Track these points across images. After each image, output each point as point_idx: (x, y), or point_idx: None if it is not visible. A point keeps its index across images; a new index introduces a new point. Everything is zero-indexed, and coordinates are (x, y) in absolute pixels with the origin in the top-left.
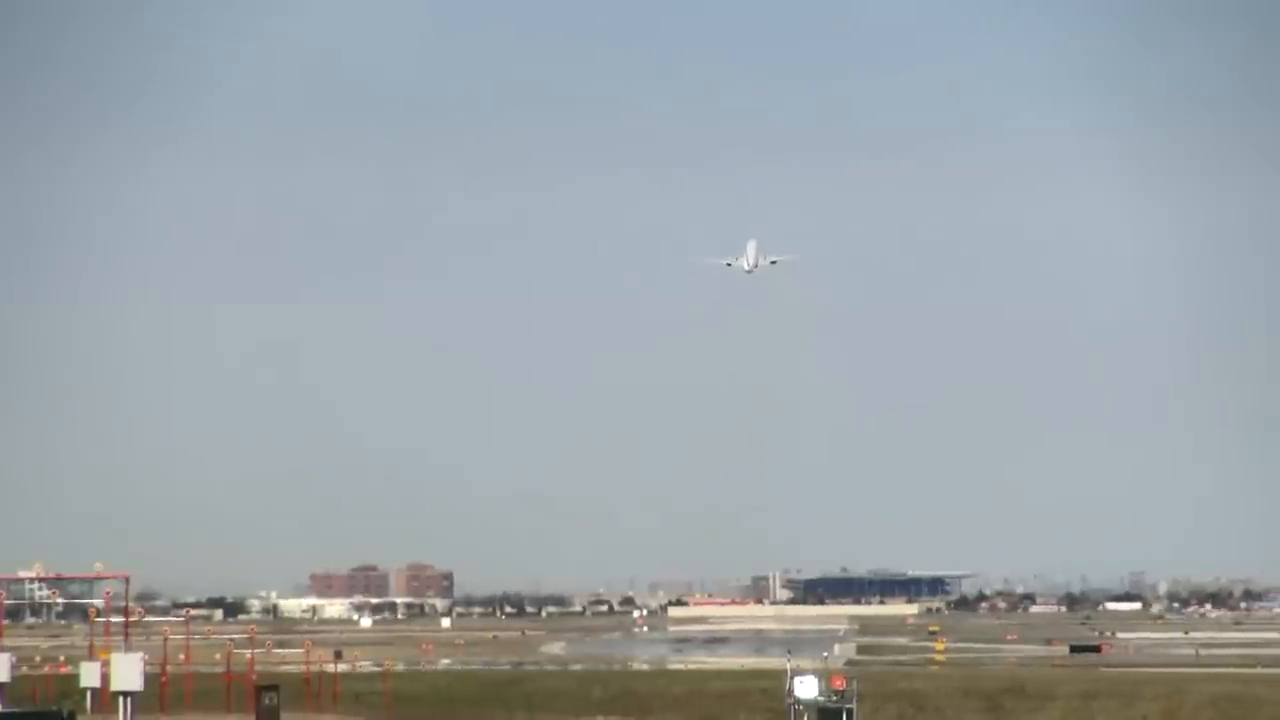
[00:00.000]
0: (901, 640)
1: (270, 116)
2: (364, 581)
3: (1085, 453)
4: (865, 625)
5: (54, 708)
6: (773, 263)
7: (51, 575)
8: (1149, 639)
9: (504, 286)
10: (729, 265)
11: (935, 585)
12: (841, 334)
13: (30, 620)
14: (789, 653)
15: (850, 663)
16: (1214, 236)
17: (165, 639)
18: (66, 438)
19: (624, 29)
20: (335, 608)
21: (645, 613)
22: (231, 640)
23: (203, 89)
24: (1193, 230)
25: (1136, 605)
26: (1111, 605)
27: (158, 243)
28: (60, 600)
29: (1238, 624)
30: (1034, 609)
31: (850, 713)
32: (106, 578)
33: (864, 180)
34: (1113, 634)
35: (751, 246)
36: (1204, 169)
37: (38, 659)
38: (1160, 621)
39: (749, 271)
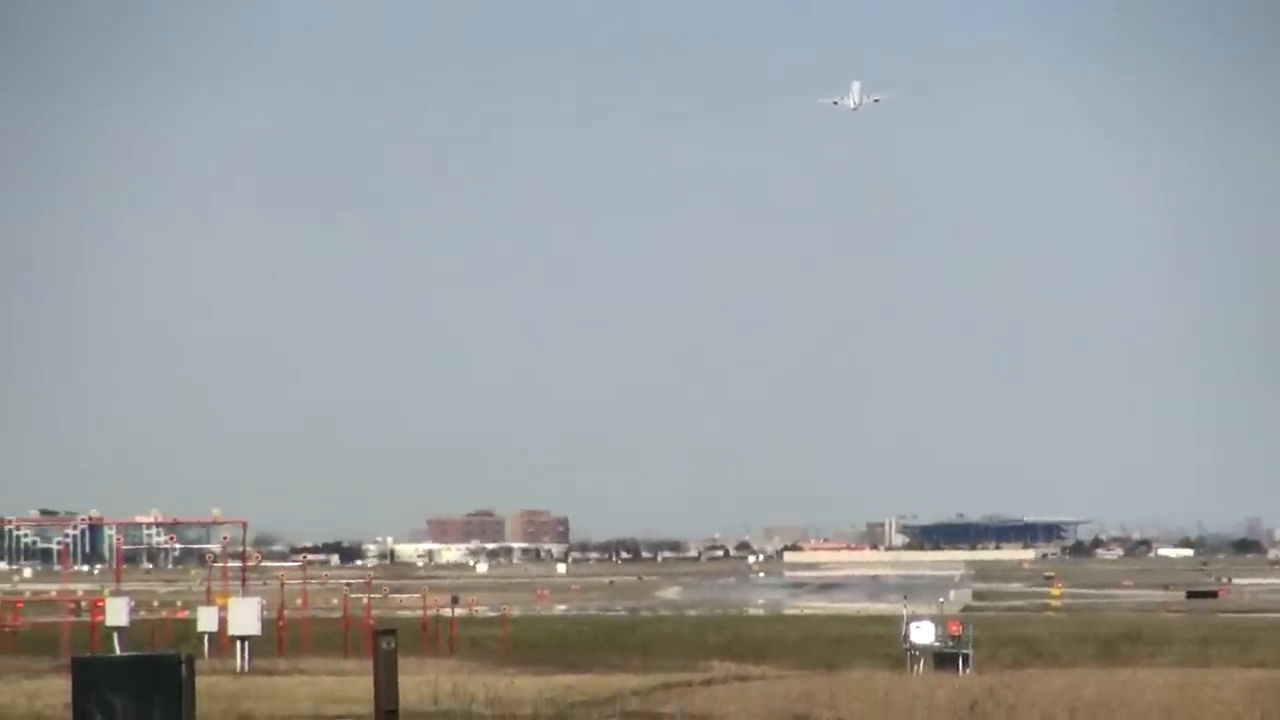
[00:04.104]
0: (1017, 586)
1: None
2: (480, 527)
3: (1204, 397)
4: (981, 571)
5: (172, 652)
6: (875, 101)
7: (169, 521)
8: (1267, 584)
9: (598, 195)
10: (835, 104)
11: (1051, 531)
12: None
13: (147, 565)
14: (905, 598)
15: (966, 608)
16: None
17: (282, 584)
18: (182, 385)
19: None
20: (451, 553)
21: (761, 558)
22: (348, 585)
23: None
24: None
25: (1188, 551)
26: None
27: (270, 182)
28: (177, 545)
29: None
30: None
31: (966, 658)
32: (224, 523)
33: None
34: (1229, 579)
35: (855, 86)
36: None
37: (155, 604)
38: (1278, 567)
39: (854, 109)
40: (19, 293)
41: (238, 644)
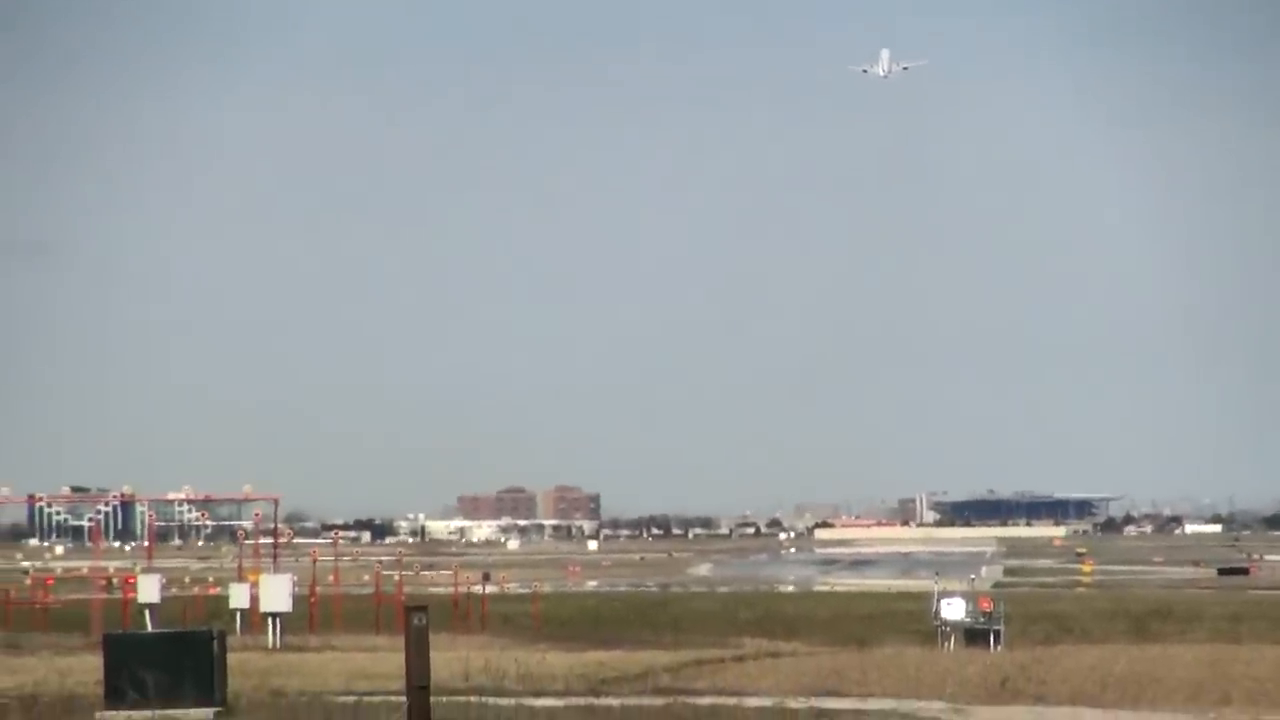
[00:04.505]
0: (1048, 562)
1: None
2: (511, 504)
3: (1235, 372)
4: (1012, 547)
5: (204, 628)
6: (904, 69)
7: (200, 497)
8: None
9: (628, 185)
10: (865, 72)
11: (1082, 507)
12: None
13: (179, 542)
14: (936, 575)
15: (997, 585)
16: None
17: (314, 560)
18: (214, 362)
19: None
20: (482, 530)
21: (792, 535)
22: (380, 562)
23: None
24: None
25: (1216, 527)
26: (1193, 527)
27: (290, 165)
28: (209, 522)
29: None
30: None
31: (997, 634)
32: (255, 499)
33: None
34: (1260, 556)
35: (885, 54)
36: None
37: (187, 580)
38: None
39: (884, 77)
40: (49, 272)
41: (269, 620)
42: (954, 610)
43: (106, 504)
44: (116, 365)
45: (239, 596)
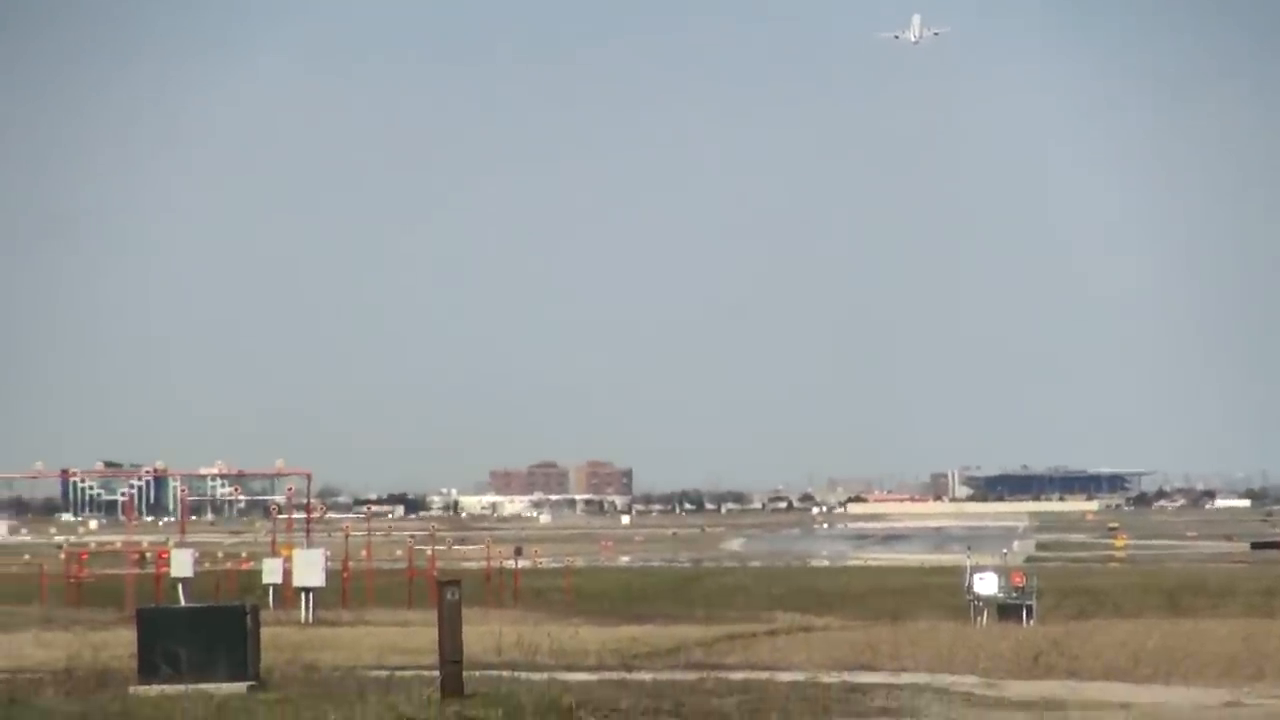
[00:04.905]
0: (1081, 537)
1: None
2: (543, 478)
3: (1266, 346)
4: (1045, 522)
5: (237, 603)
6: (935, 34)
7: (233, 472)
8: None
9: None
10: (896, 38)
11: (1115, 482)
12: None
13: (211, 517)
14: (968, 549)
15: (1030, 559)
16: None
17: (346, 535)
18: (247, 336)
19: None
20: (514, 504)
21: (824, 509)
22: (412, 537)
23: None
24: None
25: (1246, 502)
26: (1223, 502)
27: (332, 146)
28: (242, 497)
29: None
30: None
31: (1030, 609)
32: (288, 474)
33: None
34: None
35: (916, 19)
36: None
37: (220, 555)
38: None
39: (915, 43)
40: (83, 245)
41: (302, 595)
42: (987, 585)
43: (139, 479)
44: (149, 339)
45: (272, 571)
